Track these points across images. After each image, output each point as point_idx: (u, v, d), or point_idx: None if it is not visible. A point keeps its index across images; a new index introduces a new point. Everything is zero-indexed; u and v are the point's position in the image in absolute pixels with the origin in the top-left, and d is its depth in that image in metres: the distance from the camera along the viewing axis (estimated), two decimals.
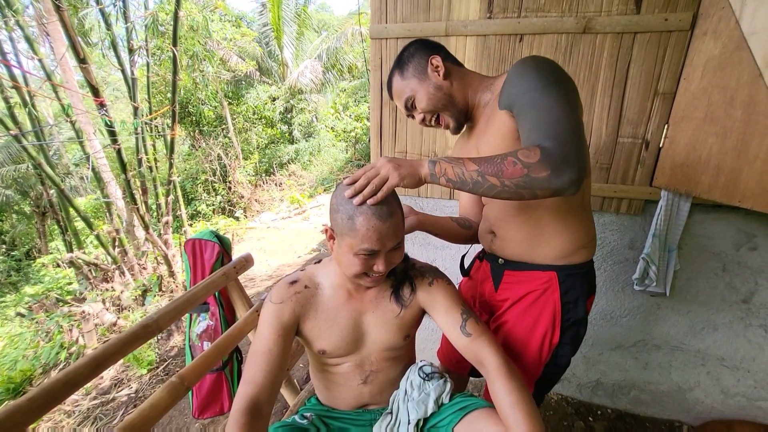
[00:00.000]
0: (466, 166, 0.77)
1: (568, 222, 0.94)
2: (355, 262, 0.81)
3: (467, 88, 0.99)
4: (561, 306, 0.95)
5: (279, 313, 0.87)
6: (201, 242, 1.25)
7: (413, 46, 1.00)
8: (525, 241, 0.98)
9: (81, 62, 3.14)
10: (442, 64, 0.95)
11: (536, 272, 0.98)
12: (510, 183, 0.73)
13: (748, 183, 1.19)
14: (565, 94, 0.77)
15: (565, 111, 0.74)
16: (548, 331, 0.97)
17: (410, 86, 0.98)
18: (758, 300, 1.51)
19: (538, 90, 0.77)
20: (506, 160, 0.73)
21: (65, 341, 3.55)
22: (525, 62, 0.83)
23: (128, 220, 4.93)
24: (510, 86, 0.83)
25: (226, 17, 11.78)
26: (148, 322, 0.88)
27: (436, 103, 0.97)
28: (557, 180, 0.70)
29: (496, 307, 1.10)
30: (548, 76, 0.78)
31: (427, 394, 0.97)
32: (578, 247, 0.95)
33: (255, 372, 0.81)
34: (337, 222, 0.82)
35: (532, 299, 0.99)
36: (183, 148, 11.34)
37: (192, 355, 1.33)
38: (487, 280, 1.12)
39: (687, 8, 1.30)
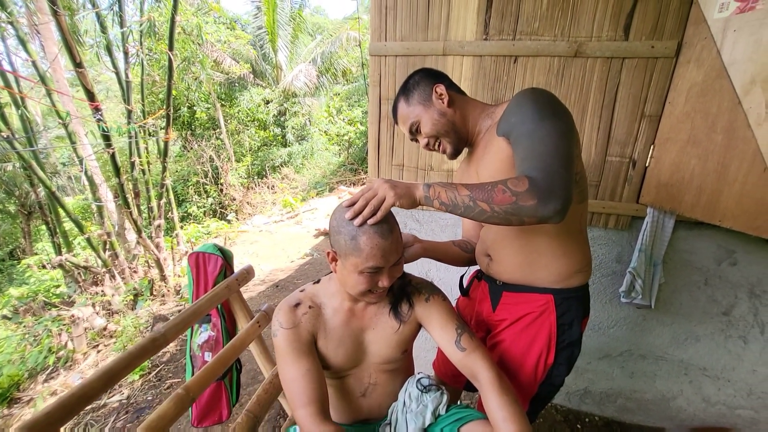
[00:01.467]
0: (458, 191, 0.81)
1: (565, 247, 0.97)
2: (360, 280, 0.85)
3: (469, 115, 1.03)
4: (557, 328, 0.99)
5: (296, 336, 0.90)
6: (205, 256, 1.28)
7: (418, 75, 1.05)
8: (522, 265, 1.02)
9: (77, 66, 3.13)
10: (446, 92, 1.00)
11: (534, 294, 1.02)
12: (499, 209, 0.77)
13: (728, 204, 1.26)
14: (560, 127, 0.81)
15: (556, 144, 0.79)
16: (543, 351, 1.01)
17: (415, 112, 1.03)
18: (738, 312, 1.59)
19: (535, 122, 0.82)
20: (496, 187, 0.77)
21: (53, 345, 3.51)
22: (525, 94, 0.87)
23: (119, 222, 4.89)
24: (509, 115, 0.88)
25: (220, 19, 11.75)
26: (156, 336, 0.90)
27: (439, 129, 1.02)
28: (543, 209, 0.74)
29: (493, 326, 1.14)
30: (545, 108, 0.83)
31: (425, 406, 1.01)
32: (575, 271, 0.99)
33: (305, 392, 0.85)
34: (339, 244, 0.85)
35: (529, 321, 1.02)
36: (174, 149, 11.25)
37: (193, 365, 1.35)
38: (485, 300, 1.16)
39: (672, 37, 1.38)
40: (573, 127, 0.85)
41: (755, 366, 1.62)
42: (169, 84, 4.42)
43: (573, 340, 1.02)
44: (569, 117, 0.85)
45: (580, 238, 1.00)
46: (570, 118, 0.85)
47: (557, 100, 0.86)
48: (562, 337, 1.00)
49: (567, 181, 0.76)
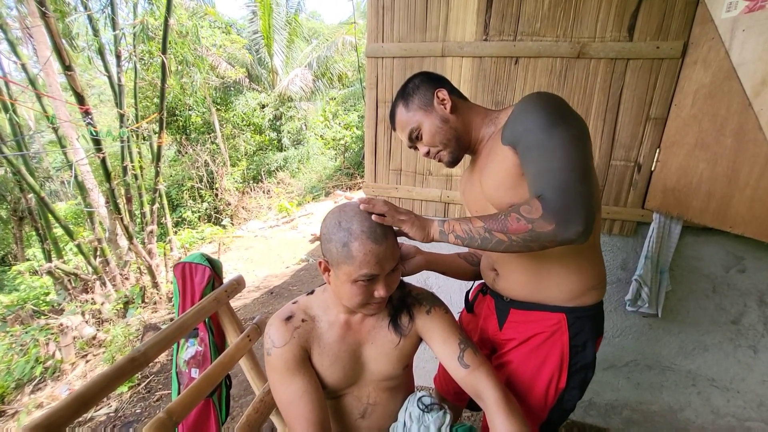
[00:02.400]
0: (472, 224, 0.79)
1: (577, 262, 0.91)
2: (355, 290, 0.79)
3: (471, 122, 0.97)
4: (569, 350, 0.93)
5: (289, 355, 0.84)
6: (191, 266, 1.21)
7: (418, 78, 0.99)
8: (530, 282, 0.96)
9: (66, 69, 3.06)
10: (449, 98, 0.94)
11: (544, 313, 0.95)
12: (517, 238, 0.73)
13: (738, 209, 1.22)
14: (572, 135, 0.75)
15: (570, 156, 0.72)
16: (555, 375, 0.94)
17: (416, 118, 0.96)
18: (747, 321, 1.54)
19: (544, 131, 0.75)
20: (510, 216, 0.74)
21: (41, 355, 3.41)
22: (531, 99, 0.81)
23: (111, 228, 4.79)
24: (515, 123, 0.81)
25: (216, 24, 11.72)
26: (136, 355, 0.83)
27: (442, 136, 0.95)
28: (563, 233, 0.69)
29: (499, 346, 1.07)
30: (554, 114, 0.76)
31: (426, 427, 0.94)
32: (588, 288, 0.93)
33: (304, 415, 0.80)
34: (331, 252, 0.79)
35: (539, 341, 0.96)
36: (169, 153, 11.15)
37: (179, 382, 1.28)
38: (491, 316, 1.09)
39: (678, 37, 1.34)
40: (585, 133, 0.78)
41: (766, 376, 1.57)
42: (163, 87, 4.35)
43: (587, 363, 0.95)
44: (581, 122, 0.79)
45: (592, 253, 0.94)
46: (581, 123, 0.79)
47: (566, 105, 0.80)
48: (575, 359, 0.94)
49: (585, 197, 0.70)
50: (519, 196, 0.83)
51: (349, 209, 0.81)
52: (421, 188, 1.74)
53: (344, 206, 0.83)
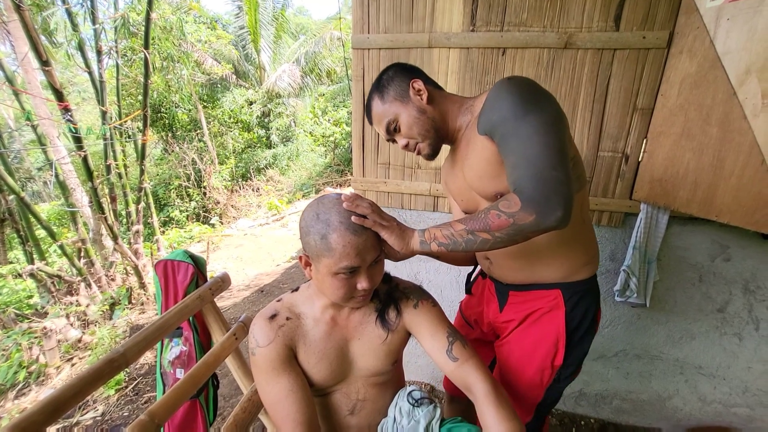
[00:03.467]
0: (453, 227, 0.78)
1: (567, 241, 0.91)
2: (337, 284, 0.78)
3: (448, 111, 0.96)
4: (565, 324, 0.94)
5: (274, 354, 0.82)
6: (173, 263, 1.17)
7: (391, 70, 0.97)
8: (523, 266, 0.96)
9: (44, 65, 2.97)
10: (425, 88, 0.93)
11: (541, 291, 0.96)
12: (500, 234, 0.73)
13: (724, 198, 1.22)
14: (545, 119, 0.75)
15: (544, 141, 0.73)
16: (550, 352, 0.95)
17: (392, 110, 0.95)
18: (732, 309, 1.56)
19: (518, 117, 0.75)
20: (489, 214, 0.73)
21: (24, 360, 3.33)
22: (502, 85, 0.81)
23: (95, 229, 4.69)
24: (489, 111, 0.81)
25: (201, 19, 11.50)
26: (114, 356, 0.80)
27: (420, 127, 0.94)
28: (545, 221, 0.69)
29: (501, 329, 1.08)
30: (526, 100, 0.76)
31: (416, 422, 0.93)
32: (582, 264, 0.94)
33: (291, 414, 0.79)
34: (310, 245, 0.78)
35: (535, 318, 0.97)
36: (155, 152, 10.96)
37: (163, 383, 1.25)
38: (492, 300, 1.09)
39: (663, 27, 1.33)
40: (559, 113, 0.79)
41: (750, 363, 1.59)
42: (146, 84, 4.25)
43: (583, 335, 0.96)
44: (553, 103, 0.79)
45: (582, 229, 0.94)
46: (554, 104, 0.79)
47: (538, 87, 0.80)
48: (572, 334, 0.94)
49: (562, 182, 0.70)
50: (504, 184, 0.83)
51: (327, 201, 0.79)
52: (410, 182, 1.72)
53: (322, 198, 0.81)
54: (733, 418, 1.68)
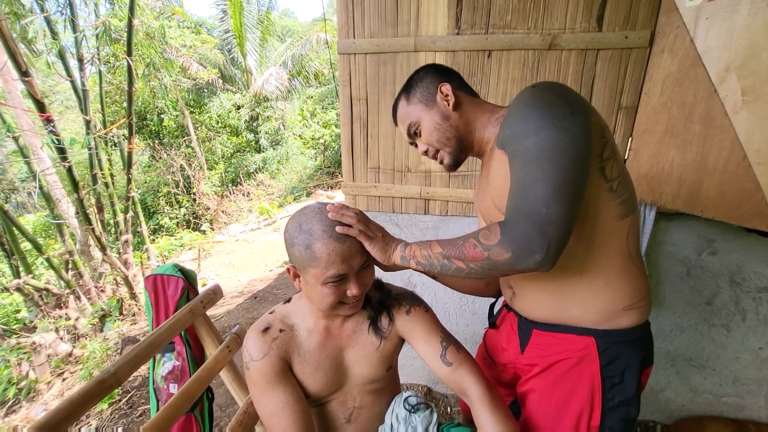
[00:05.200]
0: (432, 249, 0.75)
1: (607, 276, 0.77)
2: (326, 292, 0.77)
3: (476, 121, 0.88)
4: (601, 381, 0.79)
5: (268, 367, 0.82)
6: (163, 278, 1.16)
7: (423, 71, 0.92)
8: (549, 300, 0.83)
9: (23, 75, 2.91)
10: (452, 93, 0.86)
11: (570, 336, 0.82)
12: (475, 265, 0.68)
13: (708, 194, 1.25)
14: (559, 141, 0.64)
15: (545, 170, 0.63)
16: (585, 410, 0.80)
17: (415, 112, 0.90)
18: (719, 301, 1.59)
19: (528, 135, 0.66)
20: (467, 242, 0.69)
21: (14, 376, 3.26)
22: (523, 94, 0.72)
23: (83, 240, 4.60)
24: (506, 124, 0.73)
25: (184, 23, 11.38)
26: (105, 377, 0.79)
27: (440, 135, 0.88)
28: (520, 262, 0.63)
29: (521, 371, 0.96)
30: (545, 116, 0.66)
31: (413, 428, 0.93)
32: (624, 308, 0.78)
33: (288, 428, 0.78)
34: (295, 256, 0.78)
35: (563, 369, 0.83)
36: (143, 159, 10.81)
37: (157, 399, 1.23)
38: (513, 337, 0.97)
39: (645, 26, 1.36)
40: (583, 134, 0.66)
41: (738, 353, 1.62)
42: (130, 91, 4.19)
43: (627, 398, 0.80)
44: (579, 120, 0.66)
45: (626, 266, 0.77)
46: (580, 122, 0.66)
47: (565, 98, 0.68)
48: (610, 393, 0.79)
49: (552, 221, 0.61)
50: None
51: (309, 211, 0.79)
52: (401, 185, 1.72)
53: (305, 209, 0.81)
54: (723, 407, 1.71)
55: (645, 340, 0.82)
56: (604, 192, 0.72)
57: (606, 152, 0.71)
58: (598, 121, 0.71)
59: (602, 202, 0.72)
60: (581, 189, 0.66)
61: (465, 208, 1.68)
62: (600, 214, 0.73)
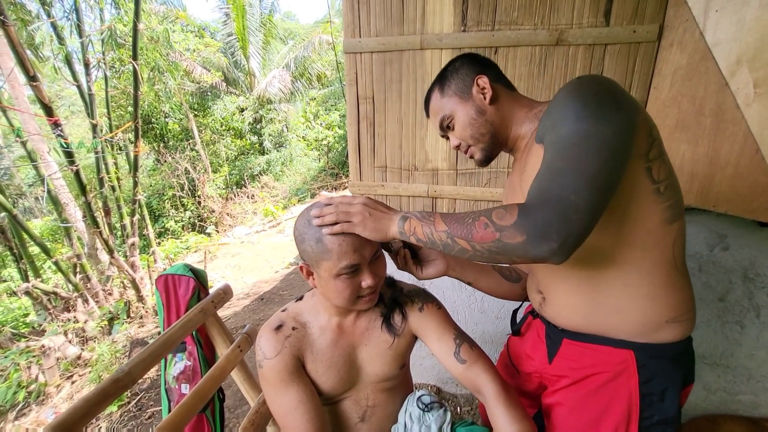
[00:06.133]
0: (435, 226, 0.69)
1: (650, 285, 0.71)
2: (341, 286, 0.77)
3: (512, 116, 0.84)
4: (640, 398, 0.74)
5: (282, 365, 0.82)
6: (174, 278, 1.16)
7: (459, 61, 0.87)
8: (583, 307, 0.78)
9: (31, 80, 2.93)
10: (489, 86, 0.82)
11: (606, 348, 0.76)
12: (481, 248, 0.63)
13: (721, 188, 1.23)
14: (600, 133, 0.60)
15: (581, 159, 0.60)
16: (620, 429, 0.75)
17: (449, 105, 0.86)
18: (732, 297, 1.57)
19: (569, 124, 0.62)
20: (478, 220, 0.64)
21: (23, 379, 3.28)
22: (567, 86, 0.68)
23: (90, 243, 4.64)
24: (547, 115, 0.70)
25: (188, 27, 11.46)
26: (120, 376, 0.79)
27: (475, 130, 0.84)
28: (534, 249, 0.58)
29: (548, 381, 0.90)
30: (588, 106, 0.62)
31: (427, 427, 0.92)
32: (666, 321, 0.72)
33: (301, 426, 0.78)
34: (307, 252, 0.78)
35: (598, 383, 0.77)
36: (148, 163, 10.90)
37: (169, 399, 1.23)
38: (540, 344, 0.91)
39: (653, 20, 1.34)
40: (627, 129, 0.63)
41: (753, 350, 1.60)
42: (136, 95, 4.22)
43: (667, 418, 0.74)
44: (623, 116, 0.62)
45: (673, 275, 0.72)
46: (624, 117, 0.63)
47: (610, 91, 0.64)
48: (648, 411, 0.74)
49: (579, 210, 0.57)
50: None
51: (317, 207, 0.79)
52: (408, 184, 1.72)
53: (312, 205, 0.81)
54: (738, 405, 1.69)
55: (687, 356, 0.78)
56: (651, 194, 0.67)
57: (653, 152, 0.67)
58: (645, 119, 0.67)
59: (647, 204, 0.68)
60: (614, 187, 0.62)
61: (472, 206, 1.67)
62: (644, 217, 0.68)
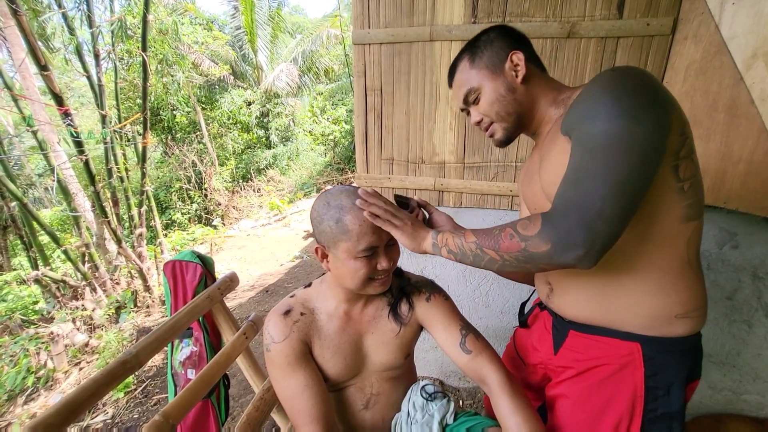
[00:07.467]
0: (465, 238, 0.72)
1: (661, 280, 0.70)
2: (358, 266, 0.78)
3: (541, 99, 0.81)
4: (645, 391, 0.73)
5: (289, 349, 0.82)
6: (182, 264, 1.17)
7: (494, 32, 0.82)
8: (593, 300, 0.77)
9: (42, 69, 2.96)
10: (524, 65, 0.78)
11: (612, 340, 0.76)
12: (509, 257, 0.65)
13: (732, 185, 1.22)
14: (632, 135, 0.58)
15: (609, 163, 0.58)
16: (623, 421, 0.75)
17: (478, 79, 0.80)
18: (741, 296, 1.55)
19: (599, 121, 0.60)
20: (504, 232, 0.66)
21: (32, 365, 3.34)
22: (601, 77, 0.65)
23: (99, 233, 4.69)
24: (576, 107, 0.67)
25: (197, 20, 11.48)
26: (127, 358, 0.80)
27: (502, 108, 0.80)
28: (559, 257, 0.60)
29: (552, 373, 0.90)
30: (623, 104, 0.59)
31: (431, 416, 0.93)
32: (675, 317, 0.71)
33: (307, 409, 0.79)
34: (325, 233, 0.78)
35: (603, 375, 0.77)
36: (155, 155, 10.97)
37: (175, 384, 1.25)
38: (546, 335, 0.91)
39: (668, 13, 1.32)
40: (661, 130, 0.60)
41: (760, 350, 1.58)
42: (145, 86, 4.23)
43: (672, 412, 0.73)
44: (660, 114, 0.60)
45: (684, 271, 0.71)
46: (660, 117, 0.60)
47: (648, 87, 0.61)
48: (652, 404, 0.73)
49: (605, 218, 0.57)
50: None
51: (335, 190, 0.80)
52: (414, 177, 1.71)
53: (329, 189, 0.82)
54: (743, 405, 1.67)
55: (695, 351, 0.77)
56: (673, 192, 0.66)
57: (683, 151, 0.65)
58: (679, 116, 0.64)
59: (667, 202, 0.66)
60: (644, 191, 0.61)
61: (479, 199, 1.67)
62: (662, 213, 0.67)
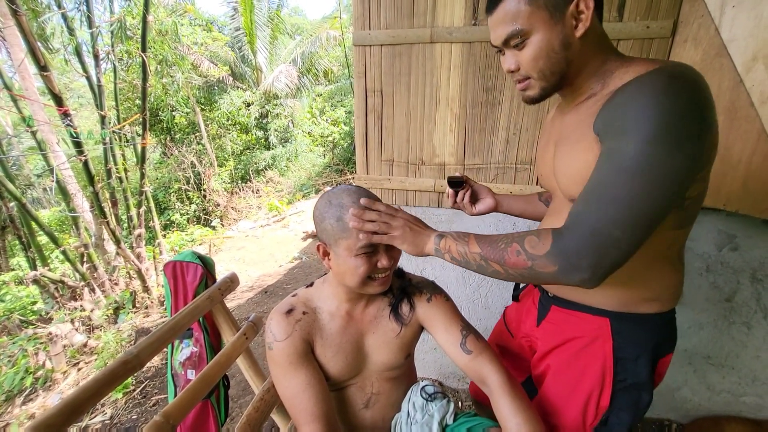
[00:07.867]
0: (469, 247, 0.72)
1: (633, 270, 0.69)
2: (358, 263, 0.78)
3: (590, 63, 0.70)
4: (614, 362, 0.77)
5: (291, 348, 0.83)
6: (182, 265, 1.17)
7: None
8: None
9: (41, 70, 2.96)
10: (590, 15, 0.65)
11: (585, 315, 0.80)
12: (514, 272, 0.66)
13: (732, 187, 1.22)
14: (666, 164, 0.55)
15: (637, 191, 0.56)
16: (594, 390, 0.79)
17: (531, 20, 0.65)
18: (740, 298, 1.55)
19: (636, 140, 0.56)
20: (510, 246, 0.66)
21: (31, 366, 3.33)
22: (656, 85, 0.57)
23: (97, 233, 4.68)
24: (615, 110, 0.61)
25: (196, 21, 11.48)
26: (128, 358, 0.80)
27: (548, 64, 0.69)
28: (564, 278, 0.61)
29: (536, 345, 0.95)
30: (667, 128, 0.54)
31: (430, 416, 0.93)
32: (643, 300, 0.76)
33: (308, 408, 0.79)
34: (327, 231, 0.79)
35: (576, 348, 0.82)
36: (154, 156, 10.96)
37: (175, 385, 1.24)
38: (532, 310, 0.97)
39: (667, 16, 1.33)
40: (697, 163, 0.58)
41: (759, 352, 1.59)
42: (144, 87, 4.23)
43: (639, 381, 0.77)
44: (702, 146, 0.57)
45: (657, 265, 0.74)
46: (703, 147, 0.58)
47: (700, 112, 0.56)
48: (621, 375, 0.78)
49: (616, 245, 0.57)
50: None
51: (338, 189, 0.81)
52: (414, 178, 1.72)
53: (331, 189, 0.83)
54: (742, 407, 1.67)
55: (665, 326, 0.80)
56: (674, 207, 0.64)
57: (701, 174, 0.64)
58: (714, 140, 0.61)
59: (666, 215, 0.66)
60: (661, 220, 0.59)
61: None
62: None
